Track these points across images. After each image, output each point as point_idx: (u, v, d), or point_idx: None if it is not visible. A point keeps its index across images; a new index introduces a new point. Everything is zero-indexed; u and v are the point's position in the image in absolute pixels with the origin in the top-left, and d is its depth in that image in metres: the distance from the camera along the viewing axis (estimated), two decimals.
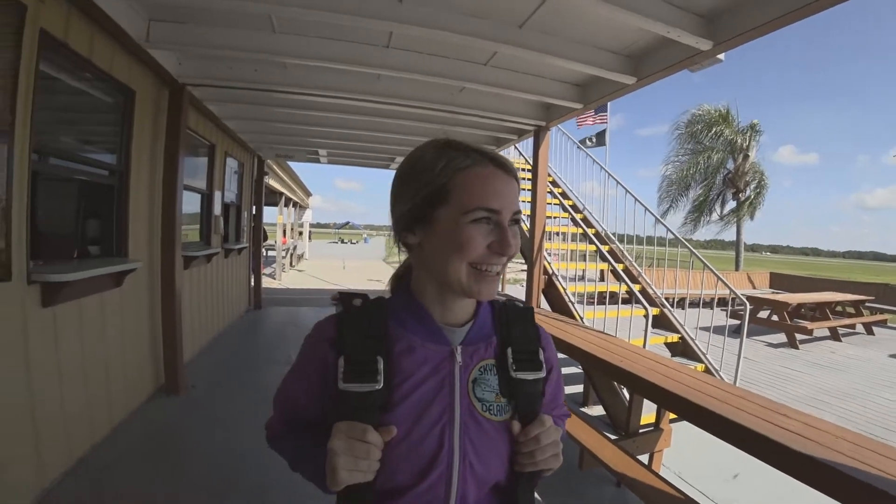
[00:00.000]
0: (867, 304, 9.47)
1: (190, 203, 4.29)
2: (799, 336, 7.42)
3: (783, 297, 8.55)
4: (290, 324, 6.52)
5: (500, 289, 0.76)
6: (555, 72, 3.45)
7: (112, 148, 3.00)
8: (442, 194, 0.64)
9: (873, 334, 8.72)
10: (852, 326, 8.80)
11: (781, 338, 7.65)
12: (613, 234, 5.62)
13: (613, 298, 4.74)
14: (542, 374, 0.71)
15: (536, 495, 2.34)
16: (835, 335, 8.04)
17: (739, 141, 16.58)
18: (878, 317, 9.31)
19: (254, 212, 7.44)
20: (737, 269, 16.69)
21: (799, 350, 7.11)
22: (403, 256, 0.77)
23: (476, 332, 0.71)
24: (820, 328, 7.82)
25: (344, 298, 0.71)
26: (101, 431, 2.77)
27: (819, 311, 8.43)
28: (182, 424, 3.12)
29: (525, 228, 5.02)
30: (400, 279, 0.77)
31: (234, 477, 2.51)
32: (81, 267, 2.40)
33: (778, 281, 14.02)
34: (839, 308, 9.16)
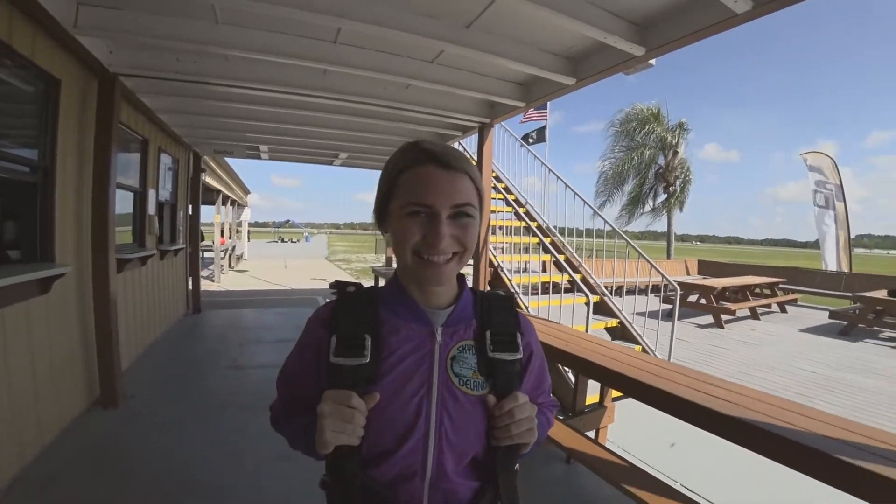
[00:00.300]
0: (781, 286, 10.44)
1: (121, 202, 4.03)
2: (724, 317, 8.07)
3: (710, 282, 9.25)
4: (231, 327, 6.27)
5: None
6: (499, 71, 3.56)
7: (34, 142, 2.75)
8: (391, 191, 0.73)
9: (787, 312, 9.65)
10: (769, 306, 9.69)
11: (709, 319, 8.30)
12: (555, 227, 5.87)
13: (556, 288, 4.95)
14: (519, 356, 0.77)
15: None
16: (754, 314, 8.81)
17: (669, 138, 17.66)
18: (791, 297, 10.29)
19: (190, 211, 7.08)
20: (668, 257, 17.82)
21: (724, 329, 7.75)
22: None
23: (457, 315, 0.78)
24: (741, 309, 8.53)
25: (339, 286, 0.79)
26: (32, 451, 2.56)
27: (741, 294, 9.21)
28: (122, 436, 2.94)
29: None
30: None
31: (182, 485, 2.42)
32: (2, 274, 2.21)
33: (705, 267, 15.12)
34: (758, 290, 10.04)
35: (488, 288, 4.92)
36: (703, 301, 8.57)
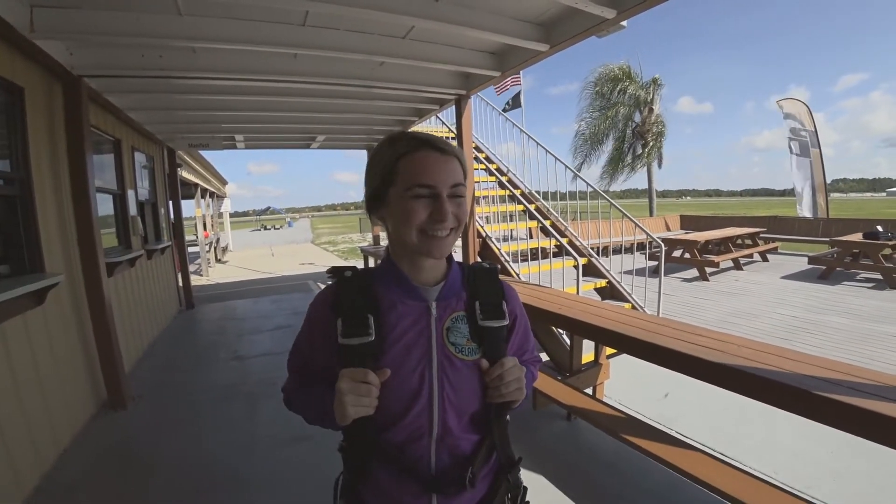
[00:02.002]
0: (761, 235, 10.68)
1: (101, 204, 3.98)
2: (708, 269, 8.28)
3: (693, 236, 9.43)
4: (228, 319, 6.30)
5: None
6: (472, 42, 3.53)
7: (6, 154, 2.69)
8: (391, 177, 0.78)
9: (768, 261, 9.91)
10: (751, 256, 9.93)
11: (694, 272, 8.51)
12: (538, 192, 5.92)
13: (544, 253, 5.04)
14: (506, 322, 0.86)
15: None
16: (737, 265, 9.05)
17: (643, 95, 17.64)
18: (771, 245, 10.55)
19: (171, 207, 6.98)
20: (651, 214, 18.05)
21: (709, 281, 7.97)
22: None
23: (448, 289, 0.85)
24: (725, 260, 8.74)
25: (336, 271, 0.85)
26: (49, 459, 2.61)
27: (723, 246, 9.42)
28: (135, 437, 3.00)
29: None
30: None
31: (202, 477, 2.50)
32: None
33: (687, 222, 15.38)
34: (739, 241, 10.25)
35: (478, 259, 5.00)
36: (687, 255, 8.77)
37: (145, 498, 2.36)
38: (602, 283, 4.93)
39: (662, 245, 4.79)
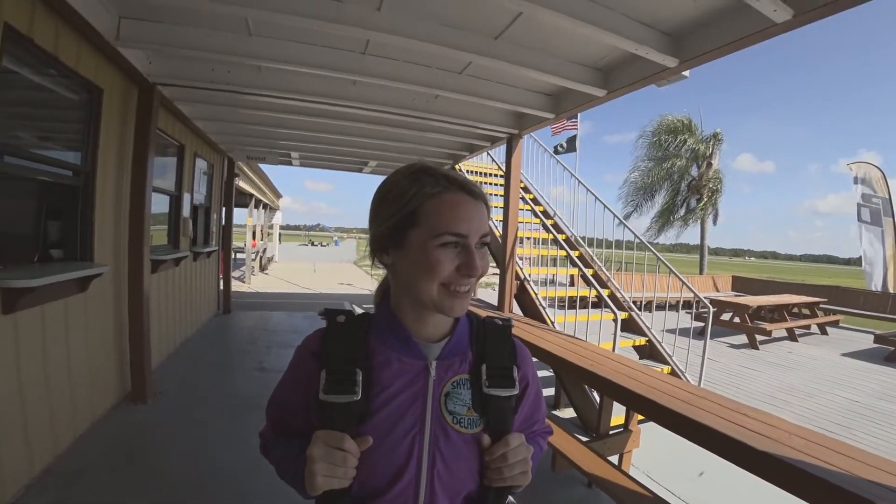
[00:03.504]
0: (821, 306, 9.94)
1: (157, 204, 4.18)
2: (759, 337, 7.74)
3: (744, 299, 8.89)
4: (259, 329, 6.39)
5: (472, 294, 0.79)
6: (528, 82, 3.53)
7: (77, 147, 2.89)
8: (413, 218, 0.68)
9: (827, 334, 9.17)
10: (808, 327, 9.23)
11: (743, 339, 7.97)
12: (583, 239, 5.75)
13: (584, 303, 4.84)
14: (515, 392, 0.74)
15: (511, 497, 2.39)
16: (792, 336, 8.42)
17: (702, 149, 17.20)
18: (832, 318, 9.78)
19: (223, 214, 7.28)
20: (700, 272, 17.27)
21: (759, 350, 7.43)
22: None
23: (452, 347, 0.74)
24: (778, 329, 8.17)
25: (328, 314, 0.74)
26: (65, 441, 2.68)
27: (777, 313, 8.81)
28: (149, 432, 3.03)
29: (497, 234, 5.09)
30: (385, 294, 0.80)
31: (205, 483, 2.48)
32: (45, 272, 2.30)
33: (739, 284, 14.58)
34: (796, 310, 9.58)
35: (514, 304, 4.86)
36: (736, 320, 8.24)
37: (146, 494, 2.35)
38: (641, 340, 4.65)
39: (710, 306, 4.51)
